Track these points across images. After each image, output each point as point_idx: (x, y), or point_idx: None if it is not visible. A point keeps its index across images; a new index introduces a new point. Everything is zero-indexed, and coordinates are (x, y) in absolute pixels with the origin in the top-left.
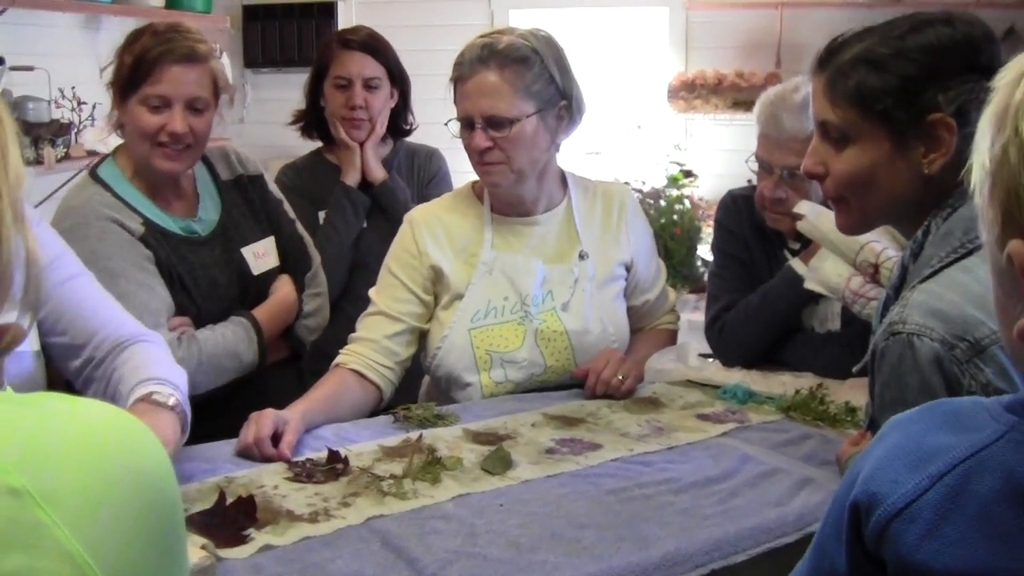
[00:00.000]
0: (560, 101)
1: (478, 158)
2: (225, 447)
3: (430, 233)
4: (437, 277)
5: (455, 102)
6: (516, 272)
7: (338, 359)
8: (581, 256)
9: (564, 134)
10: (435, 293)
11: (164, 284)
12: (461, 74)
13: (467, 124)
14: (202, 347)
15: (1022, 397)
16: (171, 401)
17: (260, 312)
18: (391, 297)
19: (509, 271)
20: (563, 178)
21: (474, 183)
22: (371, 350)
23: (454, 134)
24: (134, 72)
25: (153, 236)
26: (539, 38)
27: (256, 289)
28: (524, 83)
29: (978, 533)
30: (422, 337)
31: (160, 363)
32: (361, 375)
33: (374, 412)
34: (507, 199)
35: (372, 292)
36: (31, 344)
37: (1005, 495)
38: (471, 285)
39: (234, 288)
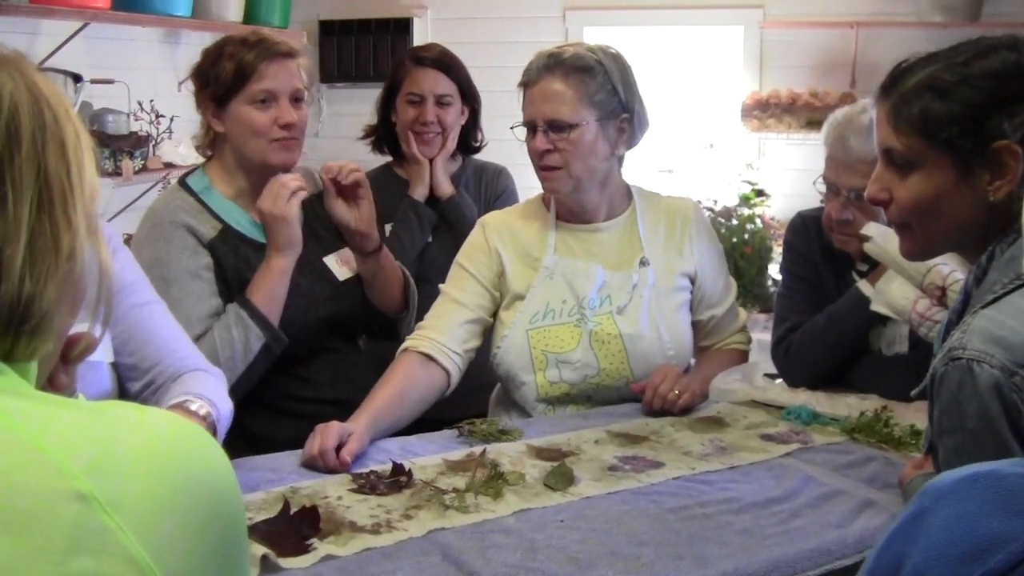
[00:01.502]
0: (622, 113)
1: (538, 161)
2: (291, 458)
3: (498, 235)
4: (503, 274)
5: (522, 108)
6: (575, 276)
7: (406, 343)
8: (642, 262)
9: (624, 147)
10: (500, 290)
11: (217, 293)
12: (528, 80)
13: (530, 128)
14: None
15: None
16: (202, 412)
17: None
18: (461, 288)
19: (569, 275)
20: (628, 191)
21: (543, 194)
22: (441, 334)
23: (520, 139)
24: (238, 75)
25: (226, 242)
26: (606, 52)
27: (346, 293)
28: (587, 91)
29: None
30: (487, 332)
31: (209, 389)
32: (430, 358)
33: (440, 400)
34: (569, 206)
35: (443, 286)
36: (106, 356)
37: None
38: (532, 287)
39: (319, 291)
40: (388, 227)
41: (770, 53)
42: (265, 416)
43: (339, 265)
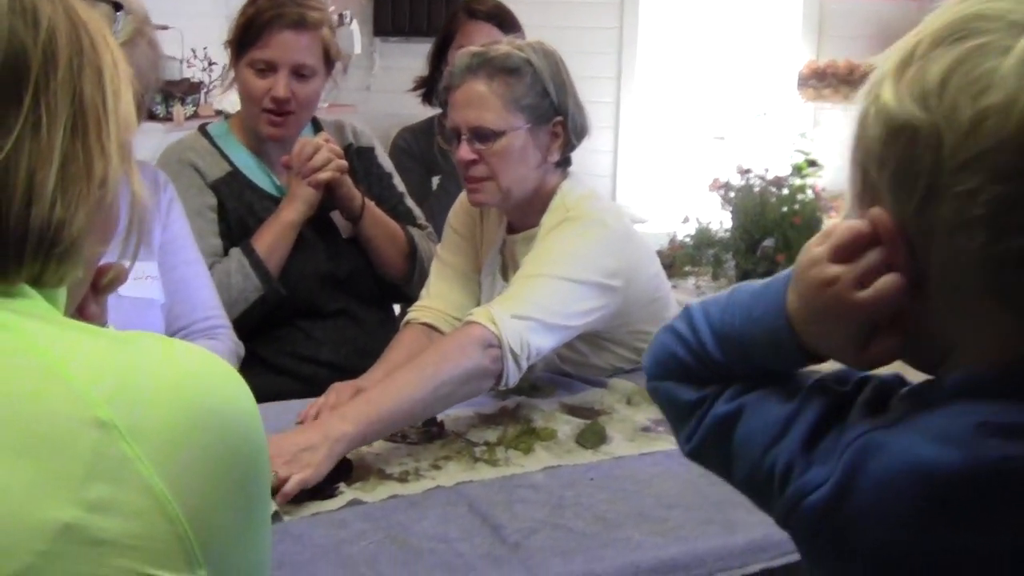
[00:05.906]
0: (554, 117)
1: (464, 172)
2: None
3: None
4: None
5: (448, 114)
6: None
7: (409, 315)
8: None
9: (559, 152)
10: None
11: (218, 233)
12: (451, 83)
13: (455, 135)
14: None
15: None
16: None
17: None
18: (451, 250)
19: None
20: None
21: None
22: (440, 300)
23: (445, 146)
24: (244, 34)
25: (230, 184)
26: (536, 50)
27: (348, 251)
28: (514, 95)
29: None
30: None
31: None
32: (434, 328)
33: None
34: (510, 218)
35: (437, 247)
36: (161, 296)
37: None
38: (482, 281)
39: (320, 245)
40: (436, 180)
41: (829, 22)
42: (259, 371)
43: (344, 220)
